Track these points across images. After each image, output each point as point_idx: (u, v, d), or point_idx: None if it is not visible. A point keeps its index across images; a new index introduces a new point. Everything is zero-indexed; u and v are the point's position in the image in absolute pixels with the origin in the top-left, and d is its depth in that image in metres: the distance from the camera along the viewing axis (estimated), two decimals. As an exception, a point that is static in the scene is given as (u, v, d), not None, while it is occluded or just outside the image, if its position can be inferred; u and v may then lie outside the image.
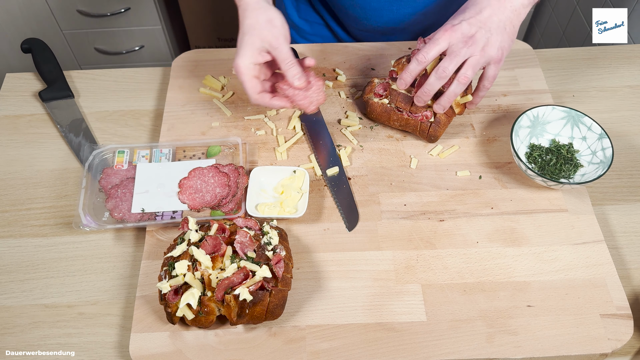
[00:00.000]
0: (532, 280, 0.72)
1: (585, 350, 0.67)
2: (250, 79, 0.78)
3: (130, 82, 0.98)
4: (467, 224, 0.78)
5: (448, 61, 0.76)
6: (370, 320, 0.69)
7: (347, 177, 0.83)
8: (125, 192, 0.79)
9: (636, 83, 0.98)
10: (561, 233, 0.77)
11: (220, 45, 2.14)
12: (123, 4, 1.82)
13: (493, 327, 0.69)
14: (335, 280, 0.72)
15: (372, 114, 0.88)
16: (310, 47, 1.01)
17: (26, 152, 0.88)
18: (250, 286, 0.64)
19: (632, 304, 0.72)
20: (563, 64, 1.01)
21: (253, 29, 0.76)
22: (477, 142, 0.88)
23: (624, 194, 0.84)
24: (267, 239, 0.70)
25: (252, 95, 0.79)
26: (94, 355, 0.69)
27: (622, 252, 0.78)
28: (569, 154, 0.83)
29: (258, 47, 0.76)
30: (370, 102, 0.87)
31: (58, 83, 0.95)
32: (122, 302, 0.73)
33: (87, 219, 0.76)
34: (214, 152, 0.85)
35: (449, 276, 0.73)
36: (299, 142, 0.88)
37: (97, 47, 1.96)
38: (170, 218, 0.77)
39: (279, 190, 0.80)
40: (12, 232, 0.79)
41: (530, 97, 0.93)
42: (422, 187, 0.82)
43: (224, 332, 0.68)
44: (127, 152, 0.84)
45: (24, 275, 0.75)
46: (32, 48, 0.98)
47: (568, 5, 1.85)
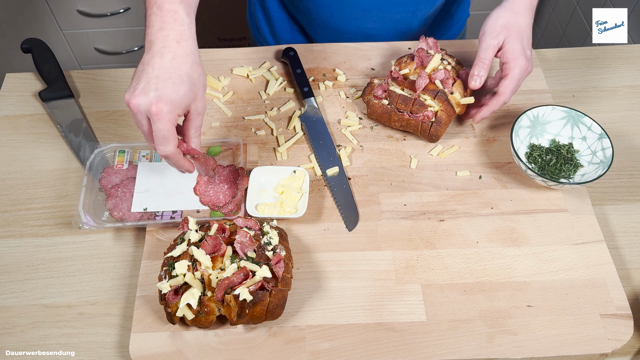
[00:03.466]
0: (532, 280, 0.72)
1: (585, 350, 0.67)
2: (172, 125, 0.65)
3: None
4: (467, 224, 0.78)
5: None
6: (370, 320, 0.69)
7: (347, 177, 0.83)
8: (126, 191, 0.79)
9: (636, 83, 0.98)
10: (561, 233, 0.77)
11: (220, 45, 2.14)
12: (123, 4, 1.82)
13: (493, 327, 0.69)
14: (335, 280, 0.72)
15: (373, 115, 0.88)
16: (310, 47, 1.01)
17: (26, 152, 0.88)
18: (250, 286, 0.64)
19: (632, 304, 0.72)
20: (563, 64, 1.01)
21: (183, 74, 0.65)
22: (477, 142, 0.88)
23: (624, 194, 0.84)
24: (267, 239, 0.70)
25: (171, 149, 0.66)
26: (94, 355, 0.69)
27: (622, 252, 0.78)
28: (569, 154, 0.83)
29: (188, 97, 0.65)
30: (370, 103, 0.87)
31: (58, 83, 0.95)
32: (122, 302, 0.73)
33: (87, 218, 0.76)
34: (215, 152, 0.85)
35: (449, 276, 0.73)
36: (299, 142, 0.88)
37: (97, 47, 1.96)
38: (170, 218, 0.77)
39: (279, 190, 0.80)
40: (12, 232, 0.79)
41: (530, 97, 0.93)
42: (422, 187, 0.82)
43: (224, 332, 0.68)
44: (128, 152, 0.84)
45: (24, 275, 0.75)
46: (32, 48, 0.98)
47: (568, 5, 1.85)
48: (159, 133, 0.64)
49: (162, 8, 0.67)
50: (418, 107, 0.83)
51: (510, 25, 0.80)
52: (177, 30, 0.67)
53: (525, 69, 0.81)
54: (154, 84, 0.63)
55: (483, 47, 0.81)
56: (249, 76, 0.97)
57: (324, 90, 0.95)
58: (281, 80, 0.96)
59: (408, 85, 0.84)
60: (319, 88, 0.95)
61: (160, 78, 0.64)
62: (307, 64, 0.99)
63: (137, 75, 0.65)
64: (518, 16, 0.80)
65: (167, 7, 0.66)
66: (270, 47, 1.02)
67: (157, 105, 0.62)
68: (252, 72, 0.97)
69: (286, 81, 0.96)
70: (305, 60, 0.99)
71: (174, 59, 0.65)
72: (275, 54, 1.00)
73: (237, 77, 0.97)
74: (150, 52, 0.65)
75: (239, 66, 0.98)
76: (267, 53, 1.00)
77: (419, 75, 0.84)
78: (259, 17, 1.14)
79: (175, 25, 0.66)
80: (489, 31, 0.80)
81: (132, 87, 0.65)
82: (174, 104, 0.64)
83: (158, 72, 0.64)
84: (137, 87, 0.64)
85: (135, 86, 0.64)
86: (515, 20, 0.80)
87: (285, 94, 0.95)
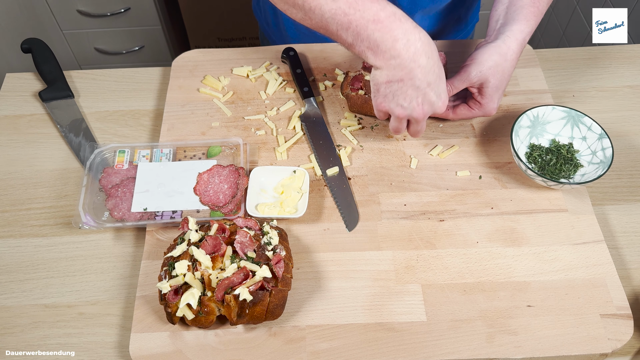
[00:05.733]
0: (532, 280, 0.72)
1: (585, 350, 0.67)
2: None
3: (130, 82, 0.98)
4: (467, 224, 0.78)
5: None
6: (370, 320, 0.69)
7: (347, 177, 0.83)
8: (126, 191, 0.79)
9: (636, 83, 0.98)
10: (561, 233, 0.77)
11: (220, 45, 2.14)
12: (123, 4, 1.82)
13: (493, 327, 0.69)
14: (335, 280, 0.72)
15: (354, 107, 0.88)
16: (310, 47, 1.01)
17: (26, 152, 0.88)
18: (250, 286, 0.64)
19: (632, 304, 0.72)
20: (563, 64, 1.01)
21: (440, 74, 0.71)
22: (477, 142, 0.88)
23: (624, 194, 0.84)
24: (267, 239, 0.70)
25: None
26: (94, 355, 0.69)
27: (622, 252, 0.78)
28: (569, 154, 0.83)
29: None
30: (349, 96, 0.88)
31: (58, 83, 0.95)
32: (122, 302, 0.73)
33: (87, 218, 0.76)
34: (215, 152, 0.85)
35: (449, 276, 0.73)
36: (299, 142, 0.88)
37: (97, 47, 1.96)
38: (170, 218, 0.77)
39: (279, 190, 0.80)
40: (12, 232, 0.79)
41: (530, 97, 0.94)
42: (422, 187, 0.82)
43: (224, 332, 0.68)
44: (128, 152, 0.84)
45: (24, 275, 0.75)
46: (32, 48, 0.98)
47: (568, 5, 1.85)
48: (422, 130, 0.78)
49: (380, 21, 0.67)
50: None
51: (497, 69, 0.79)
52: (408, 25, 0.68)
53: (488, 113, 0.84)
54: (437, 88, 0.71)
55: (460, 77, 0.81)
56: (249, 76, 0.97)
57: (324, 90, 0.95)
58: (281, 80, 0.96)
59: None
60: (319, 88, 0.95)
61: (433, 84, 0.70)
62: (307, 64, 0.99)
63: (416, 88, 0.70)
64: (507, 63, 0.79)
65: (383, 16, 0.67)
66: (270, 47, 1.02)
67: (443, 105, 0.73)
68: (252, 72, 0.97)
69: (286, 81, 0.96)
70: (305, 60, 0.99)
71: (430, 58, 0.69)
72: (275, 54, 1.00)
73: (237, 77, 0.97)
74: (404, 58, 0.67)
75: (239, 66, 0.98)
76: (267, 53, 1.00)
77: None
78: (268, 10, 1.13)
79: (401, 25, 0.67)
80: (474, 68, 0.80)
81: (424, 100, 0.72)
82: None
83: (430, 78, 0.70)
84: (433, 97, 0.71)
85: (429, 99, 0.71)
86: (503, 66, 0.79)
87: (285, 94, 0.95)
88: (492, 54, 0.79)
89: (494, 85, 0.80)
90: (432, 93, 0.71)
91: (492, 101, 0.82)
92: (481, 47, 0.81)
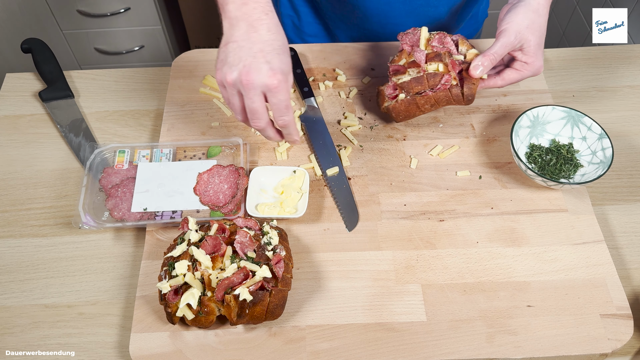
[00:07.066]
0: (532, 280, 0.72)
1: (585, 350, 0.67)
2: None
3: (130, 82, 0.98)
4: (467, 224, 0.78)
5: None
6: (370, 320, 0.69)
7: (347, 177, 0.83)
8: (126, 191, 0.79)
9: (636, 83, 0.98)
10: (561, 233, 0.77)
11: (220, 45, 2.14)
12: (123, 4, 1.82)
13: (493, 327, 0.69)
14: (335, 280, 0.72)
15: (400, 115, 0.84)
16: (310, 47, 1.01)
17: (26, 152, 0.88)
18: (250, 286, 0.64)
19: (632, 304, 0.72)
20: (563, 64, 1.01)
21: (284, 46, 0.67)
22: (477, 142, 0.88)
23: (624, 194, 0.84)
24: (267, 239, 0.70)
25: (291, 117, 0.69)
26: (94, 355, 0.69)
27: (622, 252, 0.78)
28: (569, 154, 0.83)
29: (290, 66, 0.68)
30: (391, 107, 0.84)
31: (58, 83, 0.95)
32: (122, 302, 0.73)
33: (87, 218, 0.76)
34: (215, 152, 0.85)
35: (449, 276, 0.73)
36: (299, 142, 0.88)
37: (97, 47, 1.96)
38: (170, 218, 0.77)
39: (279, 190, 0.80)
40: (12, 232, 0.79)
41: (530, 97, 0.94)
42: (422, 187, 0.82)
43: (224, 332, 0.68)
44: (128, 152, 0.84)
45: (24, 275, 0.75)
46: (32, 48, 0.98)
47: (568, 5, 1.85)
48: (280, 105, 0.65)
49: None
50: (433, 78, 0.80)
51: (534, 27, 0.79)
52: (261, 3, 0.67)
53: (537, 71, 0.82)
54: (261, 57, 0.63)
55: (502, 42, 0.79)
56: (249, 76, 0.96)
57: (324, 90, 0.95)
58: (281, 80, 0.96)
59: (410, 65, 0.82)
60: (319, 88, 0.95)
61: (265, 51, 0.64)
62: (307, 64, 0.99)
63: (233, 53, 0.64)
64: (541, 18, 0.79)
65: None
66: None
67: (274, 77, 0.63)
68: (252, 72, 0.96)
69: (286, 81, 0.96)
70: (305, 60, 0.99)
71: (270, 30, 0.65)
72: (275, 54, 1.00)
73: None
74: (238, 27, 0.65)
75: (239, 66, 0.98)
76: (267, 53, 1.00)
77: (415, 51, 0.82)
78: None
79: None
80: (512, 30, 0.78)
81: (228, 64, 0.64)
82: (285, 74, 0.64)
83: (260, 45, 0.64)
84: (239, 64, 0.63)
85: (236, 64, 0.64)
86: (538, 22, 0.79)
87: (285, 94, 0.95)
88: (526, 12, 0.78)
89: (536, 42, 0.79)
90: (262, 60, 0.64)
91: (538, 59, 0.80)
92: (511, 10, 0.79)
